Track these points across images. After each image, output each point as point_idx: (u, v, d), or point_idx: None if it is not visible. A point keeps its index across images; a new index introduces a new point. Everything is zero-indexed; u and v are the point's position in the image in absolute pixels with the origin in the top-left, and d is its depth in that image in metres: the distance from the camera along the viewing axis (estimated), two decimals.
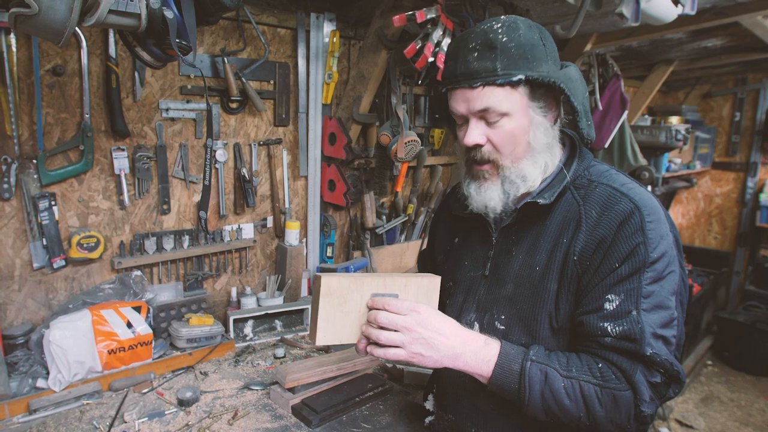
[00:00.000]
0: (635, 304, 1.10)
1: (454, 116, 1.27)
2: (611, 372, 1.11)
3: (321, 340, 1.22)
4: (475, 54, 1.17)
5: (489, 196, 1.25)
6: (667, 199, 5.51)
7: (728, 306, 5.22)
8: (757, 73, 4.85)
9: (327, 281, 1.20)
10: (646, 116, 4.65)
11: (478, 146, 1.22)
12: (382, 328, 1.18)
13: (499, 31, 1.16)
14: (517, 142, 1.21)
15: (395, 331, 1.17)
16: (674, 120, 4.40)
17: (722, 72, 4.75)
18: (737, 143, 5.10)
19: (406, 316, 1.17)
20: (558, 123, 1.28)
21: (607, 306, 1.12)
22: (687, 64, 3.97)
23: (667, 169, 4.58)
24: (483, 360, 1.17)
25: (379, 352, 1.18)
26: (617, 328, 1.10)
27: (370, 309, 1.22)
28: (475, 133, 1.21)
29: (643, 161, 3.64)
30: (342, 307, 1.22)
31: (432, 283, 1.33)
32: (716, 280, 4.91)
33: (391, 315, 1.18)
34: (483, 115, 1.20)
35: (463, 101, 1.21)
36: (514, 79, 1.15)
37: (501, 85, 1.16)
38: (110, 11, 1.14)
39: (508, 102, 1.17)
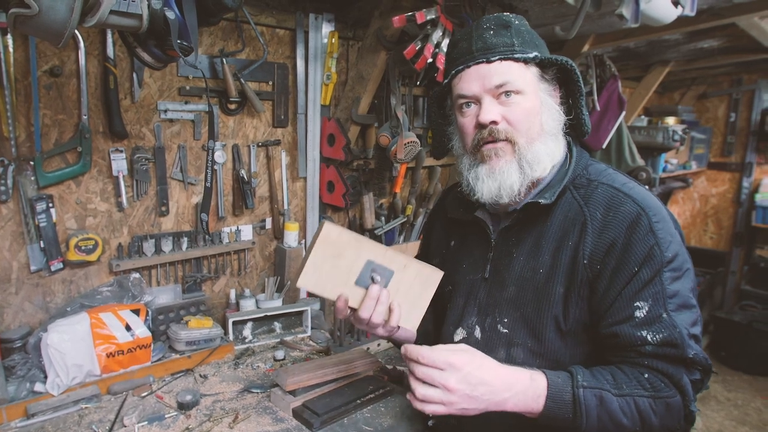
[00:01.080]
0: (663, 306, 1.10)
1: (459, 102, 1.24)
2: (659, 380, 1.10)
3: (303, 282, 1.20)
4: (491, 32, 1.20)
5: (506, 174, 1.20)
6: (663, 200, 5.52)
7: (724, 306, 5.24)
8: (752, 74, 4.87)
9: (328, 228, 1.18)
10: (643, 117, 4.66)
11: (494, 124, 1.19)
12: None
13: (512, 16, 1.23)
14: (531, 121, 1.20)
15: (432, 386, 1.08)
16: (670, 120, 4.42)
17: (718, 73, 4.77)
18: (732, 144, 5.12)
19: (444, 372, 1.07)
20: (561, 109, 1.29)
21: (638, 314, 1.11)
22: (683, 65, 3.99)
23: (664, 170, 4.60)
24: (532, 398, 1.10)
25: (417, 405, 1.10)
26: (657, 336, 1.09)
27: (403, 357, 1.14)
28: (491, 110, 1.18)
29: (640, 162, 3.65)
30: (334, 260, 1.20)
31: (433, 275, 1.31)
32: (712, 279, 4.93)
33: (427, 369, 1.08)
34: (498, 92, 1.19)
35: (477, 78, 1.19)
36: (531, 55, 1.18)
37: (518, 60, 1.18)
38: (111, 12, 1.13)
39: (524, 79, 1.19)
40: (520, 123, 1.19)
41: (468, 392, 1.07)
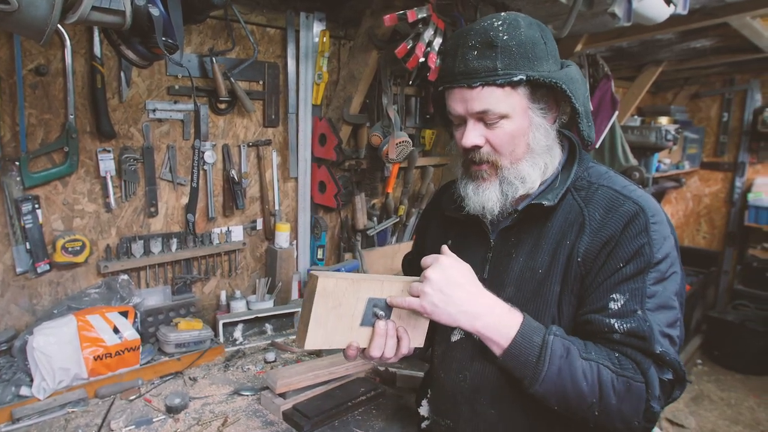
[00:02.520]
0: (640, 303, 1.08)
1: (450, 116, 1.23)
2: (628, 362, 1.08)
3: (311, 344, 1.15)
4: (475, 52, 1.13)
5: (487, 197, 1.22)
6: (656, 200, 5.51)
7: (717, 305, 5.25)
8: (744, 73, 4.88)
9: (324, 281, 1.13)
10: (636, 117, 4.67)
11: (477, 147, 1.19)
12: None
13: (500, 29, 1.13)
14: (516, 143, 1.18)
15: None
16: (663, 120, 4.43)
17: (710, 73, 4.79)
18: (725, 143, 5.13)
19: (430, 266, 1.13)
20: (557, 123, 1.25)
21: (612, 305, 1.10)
22: (676, 65, 3.99)
23: (657, 170, 4.60)
24: (504, 325, 1.11)
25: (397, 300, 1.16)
26: (624, 325, 1.08)
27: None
28: (472, 135, 1.18)
29: (633, 161, 3.65)
30: (336, 310, 1.16)
31: None
32: (705, 279, 4.93)
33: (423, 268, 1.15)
34: (481, 116, 1.17)
35: (461, 101, 1.17)
36: (515, 79, 1.12)
37: (501, 85, 1.13)
38: (93, 8, 1.10)
39: (508, 103, 1.14)
40: (503, 147, 1.18)
41: (442, 287, 1.10)
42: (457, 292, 1.11)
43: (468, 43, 1.15)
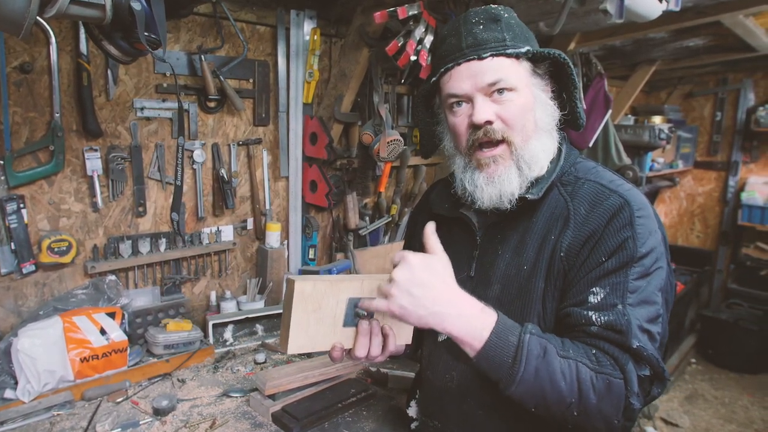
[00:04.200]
0: (621, 298, 1.06)
1: (450, 101, 1.20)
2: (606, 359, 1.05)
3: (293, 348, 1.12)
4: (481, 26, 1.16)
5: (505, 181, 1.17)
6: (650, 199, 5.53)
7: (711, 304, 5.25)
8: (737, 73, 4.89)
9: (301, 285, 1.11)
10: (629, 116, 4.66)
11: (488, 124, 1.16)
12: None
13: (500, 8, 1.19)
14: (527, 117, 1.17)
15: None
16: (657, 119, 4.43)
17: (703, 72, 4.79)
18: (719, 143, 5.14)
19: (396, 266, 1.06)
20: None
21: (592, 299, 1.08)
22: (669, 64, 3.99)
23: (651, 169, 4.60)
24: (476, 327, 1.05)
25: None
26: (602, 318, 1.06)
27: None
28: (484, 110, 1.15)
29: (627, 160, 3.64)
30: (316, 314, 1.13)
31: None
32: (699, 278, 4.94)
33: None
34: (491, 90, 1.15)
35: (469, 77, 1.15)
36: (523, 50, 1.15)
37: (510, 55, 1.14)
38: (72, 1, 1.08)
39: (516, 75, 1.15)
40: (516, 120, 1.16)
41: (409, 288, 1.03)
42: (426, 293, 1.04)
43: (471, 21, 1.18)
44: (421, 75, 2.13)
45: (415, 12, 2.02)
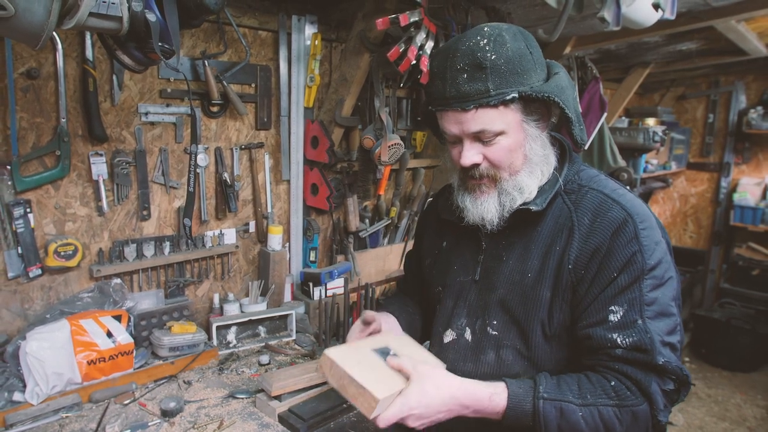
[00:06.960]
0: (639, 313, 1.10)
1: (445, 135, 1.25)
2: (625, 388, 1.09)
3: (381, 395, 1.09)
4: (465, 75, 1.13)
5: (486, 209, 1.24)
6: (644, 200, 5.58)
7: (704, 303, 5.32)
8: (729, 75, 4.96)
9: (330, 354, 1.16)
10: (624, 118, 4.72)
11: (475, 167, 1.21)
12: None
13: (486, 48, 1.12)
14: (514, 156, 1.20)
15: None
16: (651, 121, 4.48)
17: (696, 74, 4.85)
18: (711, 144, 5.20)
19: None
20: (549, 127, 1.28)
21: (612, 318, 1.11)
22: (662, 67, 4.04)
23: (645, 170, 4.66)
24: (491, 413, 1.13)
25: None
26: (627, 340, 1.09)
27: None
28: (470, 154, 1.19)
29: (622, 162, 3.69)
30: (362, 364, 1.16)
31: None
32: (692, 278, 5.00)
33: None
34: (478, 135, 1.18)
35: (456, 123, 1.18)
36: (508, 98, 1.12)
37: (494, 105, 1.13)
38: (91, 14, 1.10)
39: (503, 121, 1.15)
40: (502, 161, 1.20)
41: (422, 403, 1.10)
42: (439, 403, 1.10)
43: (456, 66, 1.14)
44: (422, 80, 2.16)
45: (417, 18, 2.05)
